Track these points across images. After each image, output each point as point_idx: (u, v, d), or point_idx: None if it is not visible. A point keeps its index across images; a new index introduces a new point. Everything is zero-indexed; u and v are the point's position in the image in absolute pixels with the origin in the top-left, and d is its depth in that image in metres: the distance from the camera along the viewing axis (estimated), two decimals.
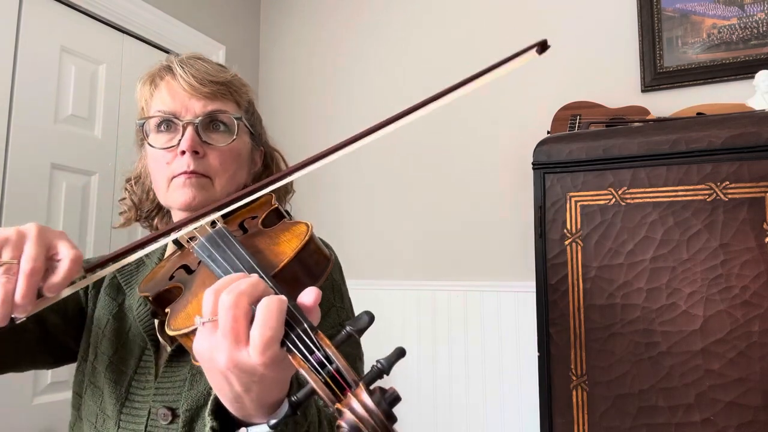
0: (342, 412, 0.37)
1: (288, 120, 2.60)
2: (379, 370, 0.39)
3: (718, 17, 1.85)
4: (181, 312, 0.52)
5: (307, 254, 0.53)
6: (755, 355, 1.14)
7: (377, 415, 0.37)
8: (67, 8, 1.89)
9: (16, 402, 1.64)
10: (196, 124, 0.73)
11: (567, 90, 2.00)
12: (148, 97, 0.77)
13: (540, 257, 1.34)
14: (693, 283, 1.20)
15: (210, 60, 0.79)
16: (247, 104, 0.81)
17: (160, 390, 0.70)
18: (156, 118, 0.74)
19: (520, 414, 1.97)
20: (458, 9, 2.30)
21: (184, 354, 0.71)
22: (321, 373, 0.40)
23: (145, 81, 0.78)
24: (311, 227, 0.55)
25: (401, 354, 0.39)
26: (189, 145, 0.71)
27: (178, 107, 0.73)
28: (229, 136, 0.75)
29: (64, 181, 1.84)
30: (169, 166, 0.73)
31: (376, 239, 2.34)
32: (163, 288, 0.59)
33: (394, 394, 0.38)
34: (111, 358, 0.75)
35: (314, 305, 0.45)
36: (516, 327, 2.02)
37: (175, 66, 0.75)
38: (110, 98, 2.00)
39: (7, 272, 0.51)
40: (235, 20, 2.60)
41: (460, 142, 2.22)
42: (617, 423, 1.22)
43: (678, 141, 1.25)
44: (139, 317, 0.76)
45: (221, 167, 0.74)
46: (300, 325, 0.42)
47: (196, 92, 0.73)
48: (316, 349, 0.41)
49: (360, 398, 0.37)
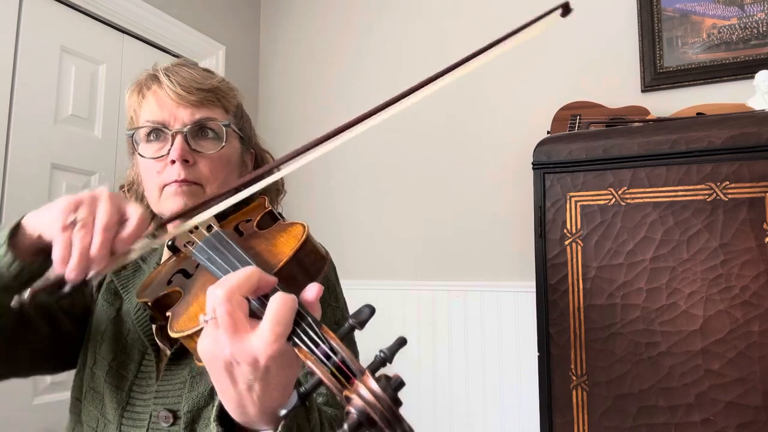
0: (350, 399, 0.39)
1: (288, 120, 2.60)
2: (382, 359, 0.41)
3: (718, 17, 1.85)
4: (183, 314, 0.52)
5: (304, 254, 0.54)
6: (755, 355, 1.14)
7: (384, 399, 0.38)
8: (67, 8, 1.89)
9: (16, 402, 1.64)
10: (185, 133, 0.73)
11: (567, 90, 1.99)
12: (137, 106, 0.78)
13: (540, 257, 1.34)
14: (693, 283, 1.20)
15: (196, 66, 0.79)
16: (235, 108, 0.82)
17: (161, 393, 0.71)
18: (145, 128, 0.75)
19: (520, 414, 1.97)
20: (456, 9, 2.30)
21: (184, 357, 0.72)
22: (327, 365, 0.41)
23: (133, 90, 0.78)
24: (307, 227, 0.57)
25: (402, 343, 0.41)
26: (179, 155, 0.72)
27: (166, 116, 0.74)
28: (218, 143, 0.76)
29: (64, 181, 1.84)
30: (160, 175, 0.74)
31: (376, 239, 2.34)
32: (162, 293, 0.60)
33: (398, 380, 0.39)
34: (110, 363, 0.76)
35: (316, 300, 0.46)
36: (516, 327, 2.02)
37: (160, 75, 0.75)
38: (110, 98, 2.01)
39: (84, 227, 0.55)
40: (235, 20, 2.60)
41: (460, 142, 2.22)
42: (617, 423, 1.22)
43: (678, 141, 1.25)
44: (138, 322, 0.76)
45: (212, 174, 0.74)
46: (305, 320, 0.44)
47: (183, 101, 0.74)
48: (321, 341, 0.42)
49: (367, 384, 0.39)
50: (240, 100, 0.83)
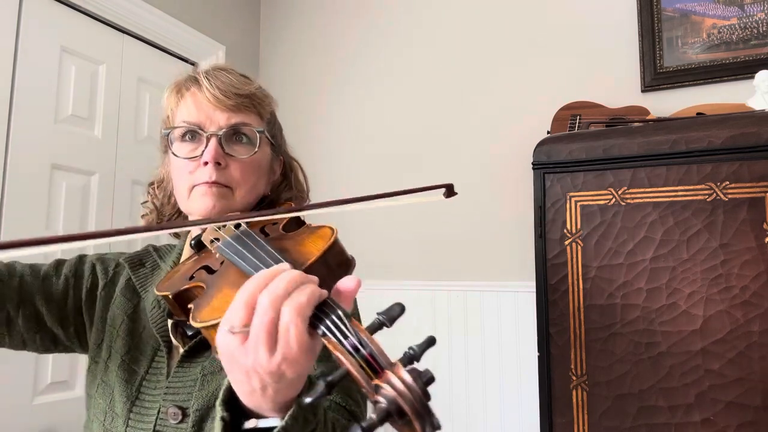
0: (380, 388, 0.38)
1: (288, 120, 2.59)
2: (411, 356, 0.41)
3: (718, 17, 1.85)
4: (207, 306, 0.53)
5: (332, 255, 0.55)
6: (755, 355, 1.14)
7: (416, 390, 0.38)
8: (67, 8, 1.89)
9: (16, 402, 1.64)
10: (220, 136, 0.74)
11: (567, 90, 1.99)
12: (174, 106, 0.79)
13: (540, 257, 1.34)
14: (693, 283, 1.20)
15: (235, 71, 0.81)
16: (270, 115, 0.83)
17: (171, 389, 0.72)
18: (181, 129, 0.76)
19: (520, 414, 1.97)
20: (458, 10, 2.30)
21: (197, 355, 0.73)
22: (355, 356, 0.41)
23: (172, 90, 0.80)
24: (336, 231, 0.58)
25: (432, 342, 0.41)
26: (212, 156, 0.73)
27: (202, 119, 0.75)
28: (251, 149, 0.77)
29: (64, 181, 1.84)
30: (191, 175, 0.75)
31: (376, 239, 2.34)
32: (184, 287, 0.60)
33: (429, 374, 0.39)
34: (123, 357, 0.77)
35: (352, 293, 0.47)
36: (516, 327, 2.02)
37: (201, 77, 0.77)
38: (110, 98, 2.00)
39: None
40: (235, 20, 2.60)
41: (460, 142, 2.22)
42: (617, 423, 1.22)
43: (678, 141, 1.25)
44: (153, 319, 0.77)
45: (242, 178, 0.76)
46: (334, 312, 0.44)
47: (220, 104, 0.75)
48: (351, 334, 0.42)
49: (399, 374, 0.38)
50: (274, 108, 0.85)
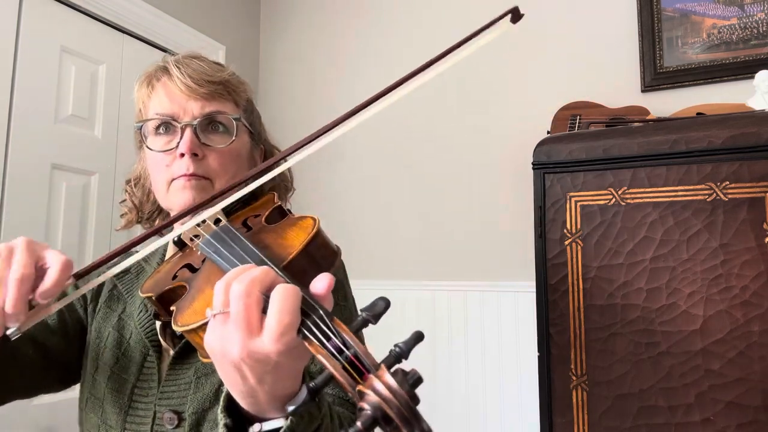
0: (364, 394, 0.36)
1: (288, 120, 2.60)
2: (398, 354, 0.38)
3: (718, 17, 1.85)
4: (189, 308, 0.51)
5: (315, 247, 0.52)
6: (755, 355, 1.14)
7: (401, 395, 0.35)
8: (67, 8, 1.89)
9: (16, 402, 1.63)
10: (195, 126, 0.72)
11: (567, 90, 1.99)
12: (146, 98, 0.76)
13: (540, 257, 1.34)
14: (693, 283, 1.20)
15: (206, 59, 0.78)
16: (246, 102, 0.80)
17: (165, 394, 0.69)
18: (154, 121, 0.74)
19: (520, 414, 1.97)
20: (458, 10, 2.30)
21: (188, 356, 0.70)
22: (339, 359, 0.39)
23: (142, 82, 0.77)
24: (318, 221, 0.55)
25: (420, 337, 0.39)
26: (188, 148, 0.70)
27: (176, 109, 0.72)
28: (228, 137, 0.74)
29: (64, 181, 1.84)
30: (168, 169, 0.72)
31: (376, 239, 2.34)
32: (167, 287, 0.58)
33: (416, 375, 0.37)
34: (112, 369, 0.74)
35: (327, 292, 0.44)
36: (516, 327, 2.02)
37: (171, 66, 0.74)
38: (110, 98, 2.00)
39: None
40: (235, 20, 2.60)
41: (460, 141, 2.22)
42: (617, 423, 1.22)
43: (678, 141, 1.25)
44: (140, 322, 0.75)
45: (221, 168, 0.73)
46: (315, 312, 0.41)
47: (193, 93, 0.72)
48: (333, 335, 0.40)
49: (383, 379, 0.36)
50: (250, 95, 0.82)
